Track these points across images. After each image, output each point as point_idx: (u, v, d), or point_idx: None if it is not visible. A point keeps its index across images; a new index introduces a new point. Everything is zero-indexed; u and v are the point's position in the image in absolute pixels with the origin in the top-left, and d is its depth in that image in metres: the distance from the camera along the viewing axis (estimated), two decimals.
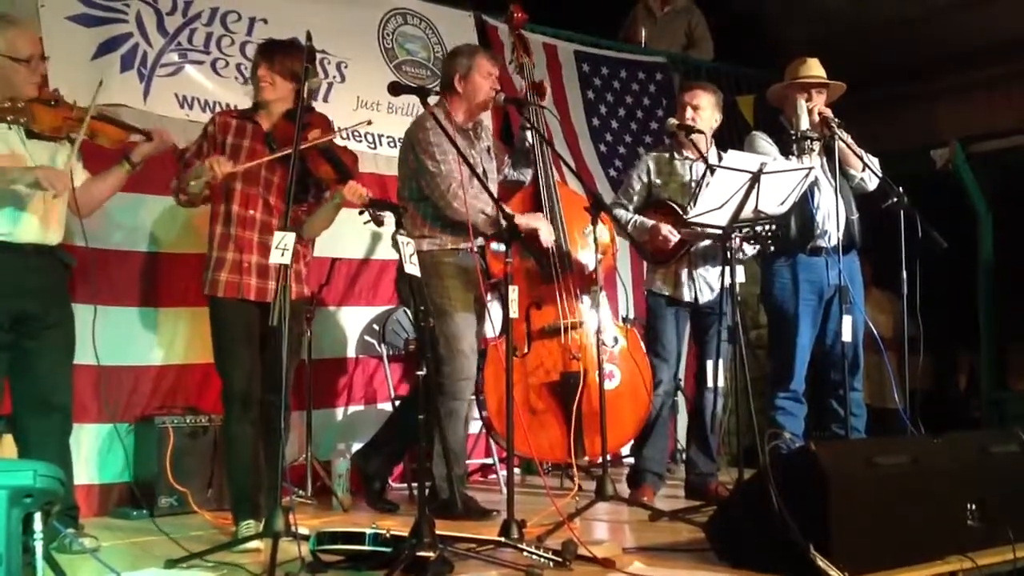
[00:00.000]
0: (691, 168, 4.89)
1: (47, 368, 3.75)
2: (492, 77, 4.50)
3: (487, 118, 4.76)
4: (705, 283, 4.86)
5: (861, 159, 4.83)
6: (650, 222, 4.75)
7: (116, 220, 4.60)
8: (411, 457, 4.99)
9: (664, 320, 4.88)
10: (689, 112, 4.83)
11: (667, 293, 4.87)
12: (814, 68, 4.97)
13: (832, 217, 4.78)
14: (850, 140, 4.85)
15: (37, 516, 2.53)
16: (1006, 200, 7.43)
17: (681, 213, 4.70)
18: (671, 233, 4.67)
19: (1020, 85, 7.00)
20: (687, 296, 4.84)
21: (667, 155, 4.96)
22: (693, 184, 4.83)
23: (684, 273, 4.83)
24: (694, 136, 4.73)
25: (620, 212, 4.85)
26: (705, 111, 4.85)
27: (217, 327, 3.93)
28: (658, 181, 4.91)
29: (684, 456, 5.14)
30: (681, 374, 5.13)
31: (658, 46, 7.74)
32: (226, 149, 3.92)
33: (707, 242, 4.78)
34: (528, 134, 4.69)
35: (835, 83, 4.96)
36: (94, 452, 4.61)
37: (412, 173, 4.44)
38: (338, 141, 4.03)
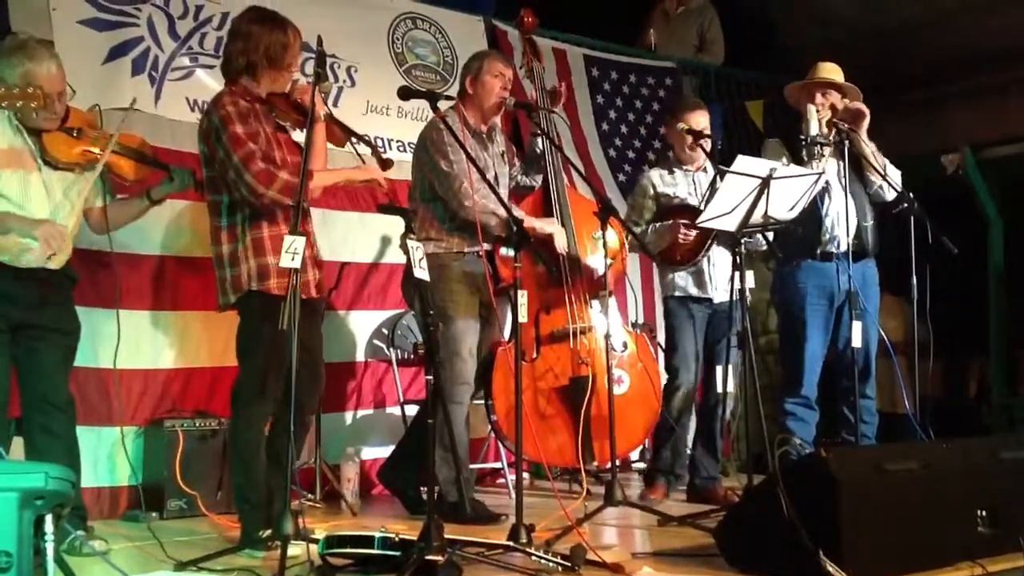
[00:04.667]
0: (693, 179, 5.04)
1: (50, 367, 3.76)
2: (503, 77, 4.51)
3: (499, 122, 4.78)
4: (722, 283, 4.95)
5: (873, 166, 4.82)
6: (668, 223, 4.80)
7: (128, 225, 4.60)
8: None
9: (685, 322, 4.95)
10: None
11: (693, 292, 4.95)
12: (824, 71, 4.97)
13: (842, 223, 4.78)
14: (870, 149, 4.84)
15: (48, 518, 2.54)
16: (1016, 206, 7.41)
17: (697, 211, 4.79)
18: (689, 229, 4.76)
19: None
20: (711, 294, 4.96)
21: (668, 170, 5.09)
22: (697, 194, 4.98)
23: (706, 272, 4.94)
24: (696, 147, 4.91)
25: (635, 230, 4.89)
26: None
27: (279, 329, 3.48)
28: (665, 192, 5.00)
29: (689, 459, 5.16)
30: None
31: (669, 47, 7.73)
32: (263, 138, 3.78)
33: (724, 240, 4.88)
34: (539, 140, 4.70)
35: (848, 85, 4.96)
36: (104, 455, 4.62)
37: (425, 173, 4.45)
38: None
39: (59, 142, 3.69)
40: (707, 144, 4.94)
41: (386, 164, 4.02)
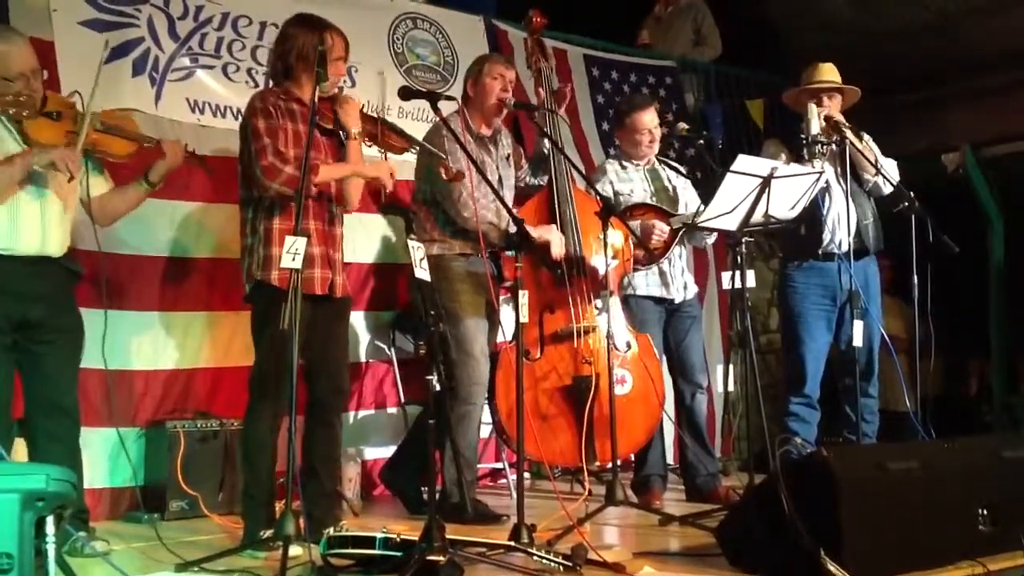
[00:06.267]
0: (646, 174, 5.05)
1: (54, 371, 3.76)
2: (503, 79, 4.51)
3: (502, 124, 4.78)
4: (680, 282, 4.99)
5: (874, 164, 4.83)
6: (636, 222, 4.80)
7: (128, 225, 4.60)
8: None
9: (649, 324, 4.92)
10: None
11: (656, 294, 4.94)
12: (826, 73, 4.98)
13: (843, 222, 4.79)
14: (868, 144, 4.85)
15: (49, 520, 2.54)
16: (1017, 204, 7.42)
17: (660, 209, 4.89)
18: (663, 229, 4.79)
19: None
20: (674, 295, 4.96)
21: (620, 165, 5.08)
22: (653, 188, 5.02)
23: (668, 272, 4.94)
24: (649, 145, 5.00)
25: None
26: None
27: (271, 322, 3.56)
28: (623, 189, 4.98)
29: (682, 459, 5.15)
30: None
31: (663, 46, 7.74)
32: (289, 135, 3.84)
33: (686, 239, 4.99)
34: (546, 140, 4.70)
35: (849, 87, 4.97)
36: (105, 456, 4.61)
37: (427, 177, 4.45)
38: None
39: (41, 127, 3.69)
40: (656, 142, 5.02)
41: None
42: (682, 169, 5.14)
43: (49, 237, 3.73)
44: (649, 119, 5.00)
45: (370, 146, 4.16)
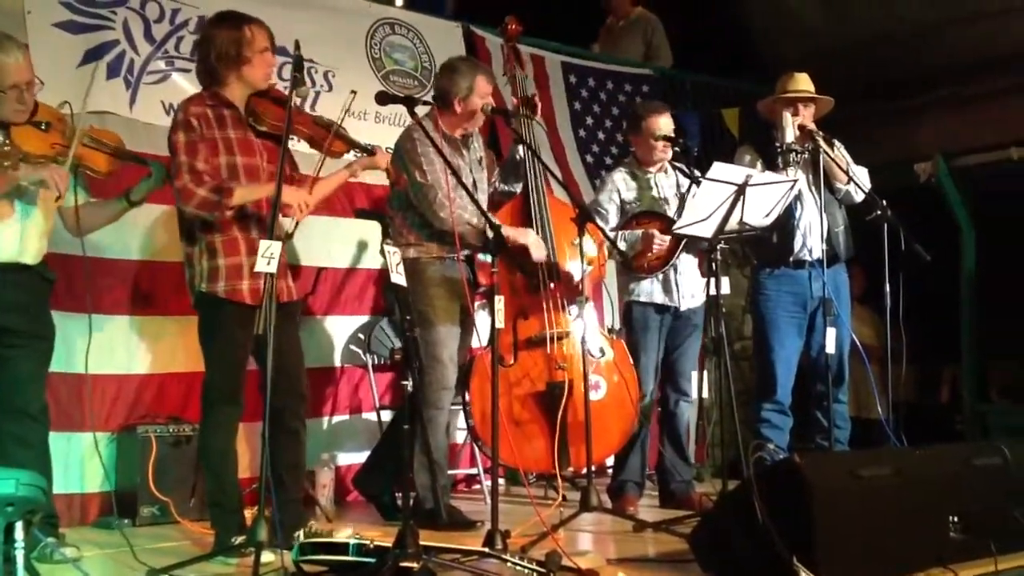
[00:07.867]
0: (653, 182, 5.02)
1: (24, 376, 3.74)
2: (488, 96, 4.52)
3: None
4: (688, 291, 4.95)
5: (846, 172, 4.86)
6: (638, 232, 4.80)
7: (103, 229, 4.58)
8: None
9: (649, 331, 4.92)
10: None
11: (659, 301, 4.92)
12: (801, 83, 5.01)
13: (815, 230, 4.82)
14: (840, 152, 4.89)
15: (19, 525, 2.52)
16: (988, 214, 7.47)
17: (665, 217, 4.86)
18: (663, 239, 4.76)
19: (1003, 100, 7.06)
20: (678, 303, 4.93)
21: (631, 174, 5.05)
22: (662, 195, 4.99)
23: (672, 280, 4.91)
24: (663, 150, 4.95)
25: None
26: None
27: (230, 332, 3.70)
28: (629, 197, 4.98)
29: (659, 465, 5.16)
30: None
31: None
32: (219, 144, 3.74)
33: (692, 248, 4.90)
34: (519, 147, 4.70)
35: (822, 97, 5.00)
36: (76, 461, 4.58)
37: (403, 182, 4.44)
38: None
39: (28, 136, 3.66)
40: (670, 147, 4.96)
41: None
42: (696, 174, 5.09)
43: (26, 246, 3.72)
44: (665, 123, 4.98)
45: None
